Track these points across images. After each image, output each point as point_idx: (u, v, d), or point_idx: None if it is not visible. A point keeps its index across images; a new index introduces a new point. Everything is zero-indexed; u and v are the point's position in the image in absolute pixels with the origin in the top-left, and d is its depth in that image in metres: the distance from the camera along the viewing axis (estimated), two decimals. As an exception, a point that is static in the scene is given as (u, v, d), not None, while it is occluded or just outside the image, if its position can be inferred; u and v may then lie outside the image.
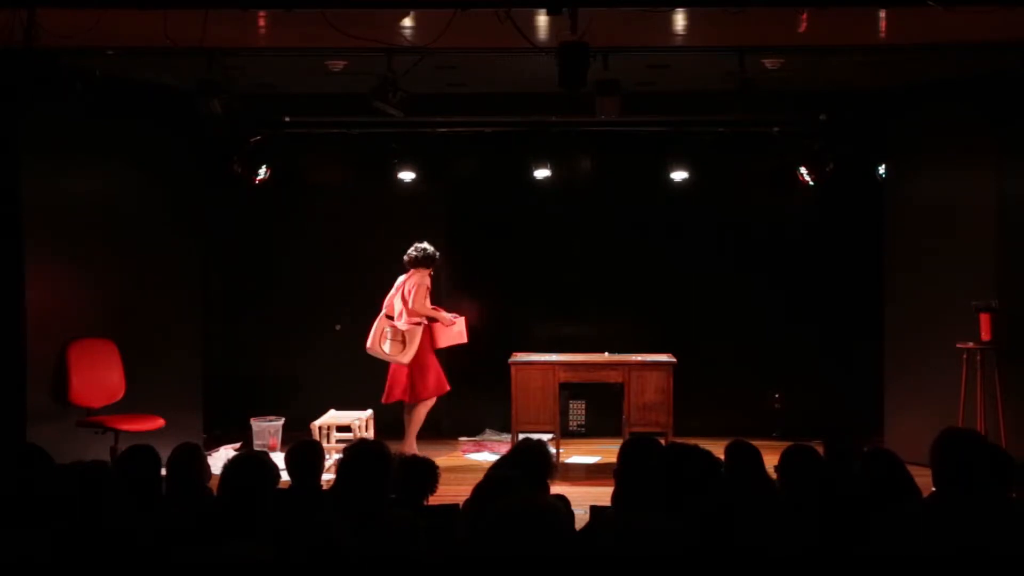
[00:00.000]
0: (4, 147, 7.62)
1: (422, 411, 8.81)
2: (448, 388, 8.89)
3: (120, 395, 8.06)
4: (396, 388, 8.77)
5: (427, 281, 8.85)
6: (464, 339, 8.96)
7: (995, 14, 6.17)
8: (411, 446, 8.65)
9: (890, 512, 3.80)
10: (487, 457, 9.02)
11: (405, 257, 8.88)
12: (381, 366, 8.98)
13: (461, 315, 9.02)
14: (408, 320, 8.73)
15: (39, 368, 7.76)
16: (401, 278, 8.93)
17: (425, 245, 8.88)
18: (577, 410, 10.13)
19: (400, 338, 8.73)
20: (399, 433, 8.86)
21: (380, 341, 8.78)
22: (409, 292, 8.76)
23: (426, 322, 8.80)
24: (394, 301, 8.87)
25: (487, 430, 10.14)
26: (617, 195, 10.19)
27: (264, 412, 9.49)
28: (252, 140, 9.68)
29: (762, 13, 6.50)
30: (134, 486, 4.27)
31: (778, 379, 10.03)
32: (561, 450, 8.79)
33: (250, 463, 4.20)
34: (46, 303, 7.81)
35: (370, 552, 3.20)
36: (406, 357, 8.67)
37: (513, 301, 10.00)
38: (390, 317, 8.81)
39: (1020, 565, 3.38)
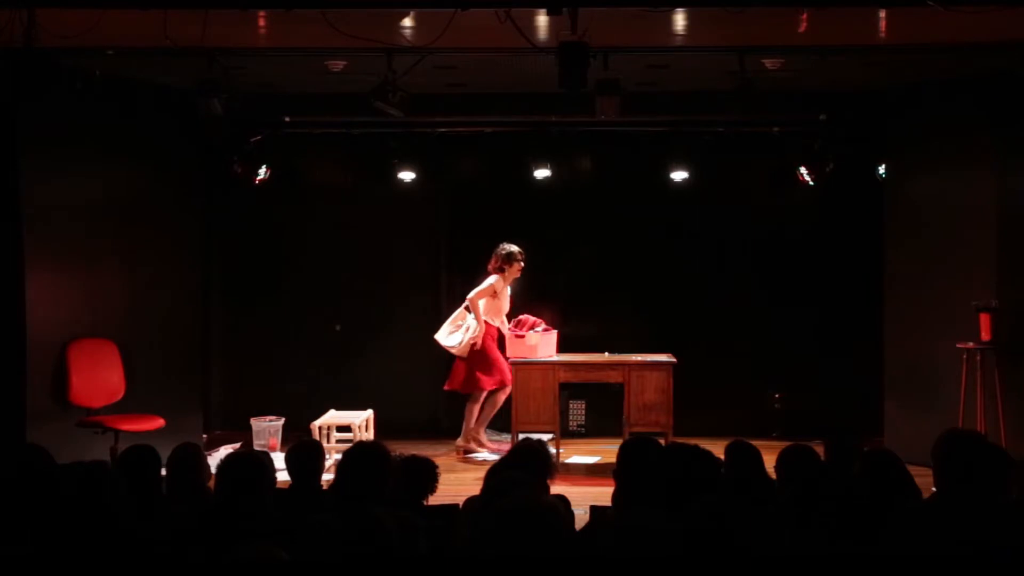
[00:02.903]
0: (4, 147, 7.61)
1: (487, 403, 8.93)
2: (511, 381, 8.78)
3: (120, 395, 8.06)
4: (454, 378, 8.95)
5: (494, 284, 8.93)
6: (535, 355, 8.67)
7: (995, 14, 6.16)
8: (477, 437, 8.95)
9: (890, 512, 3.80)
10: (487, 457, 9.01)
11: None
12: (380, 366, 8.98)
13: (550, 328, 8.93)
14: (469, 311, 8.88)
15: (39, 368, 7.75)
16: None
17: (501, 248, 8.97)
18: (577, 410, 10.12)
19: (464, 327, 8.90)
20: (399, 433, 8.86)
21: (446, 330, 8.96)
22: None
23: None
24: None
25: (487, 430, 10.12)
26: (617, 195, 10.18)
27: (264, 412, 9.48)
28: (252, 140, 9.67)
29: (762, 13, 6.50)
30: (134, 486, 4.27)
31: (778, 379, 10.01)
32: (561, 450, 8.79)
33: (244, 460, 4.20)
34: (46, 303, 7.81)
35: (370, 552, 3.20)
36: (458, 349, 8.86)
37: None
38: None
39: (1020, 565, 3.38)
